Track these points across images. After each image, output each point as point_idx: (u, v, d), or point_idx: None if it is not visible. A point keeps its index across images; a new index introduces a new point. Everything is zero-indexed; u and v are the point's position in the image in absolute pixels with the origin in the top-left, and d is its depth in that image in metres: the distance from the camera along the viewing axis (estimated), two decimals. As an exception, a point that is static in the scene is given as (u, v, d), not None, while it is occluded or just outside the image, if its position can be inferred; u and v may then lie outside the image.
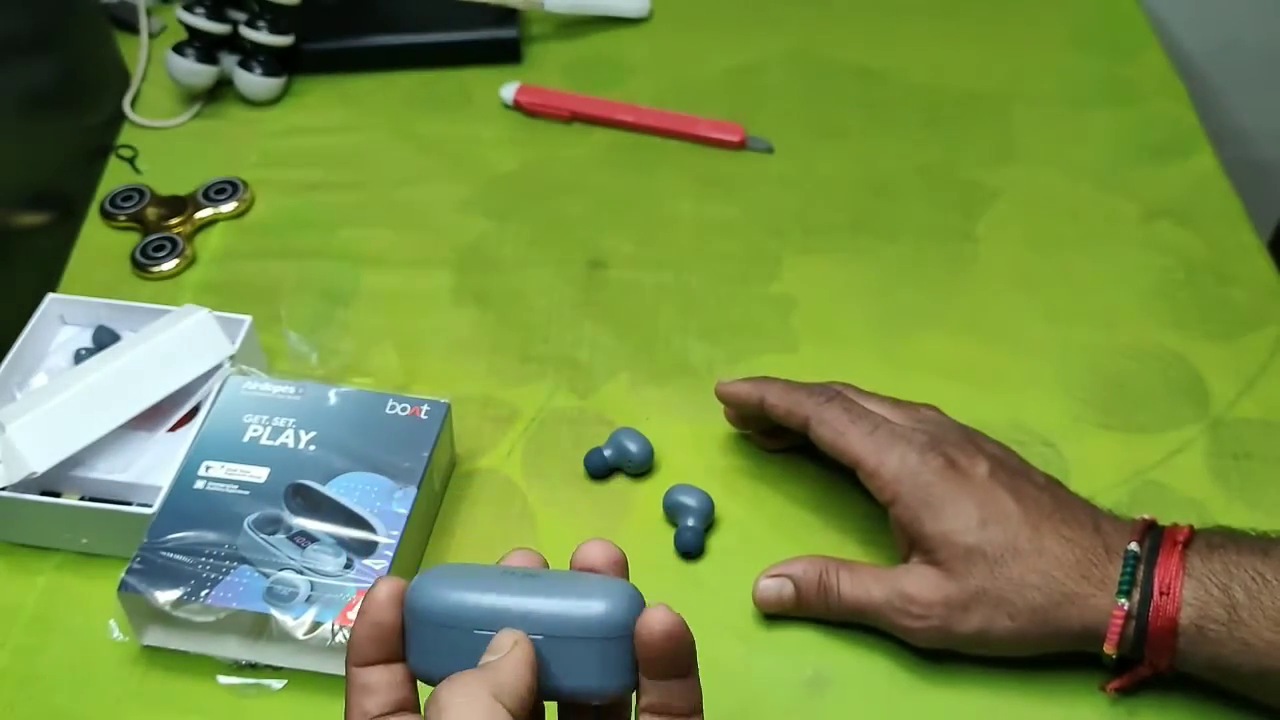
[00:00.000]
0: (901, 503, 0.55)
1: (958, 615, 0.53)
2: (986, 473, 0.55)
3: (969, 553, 0.53)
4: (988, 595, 0.53)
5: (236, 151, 0.86)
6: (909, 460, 0.55)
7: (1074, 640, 0.53)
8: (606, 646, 0.40)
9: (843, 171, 0.83)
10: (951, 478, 0.55)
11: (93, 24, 0.87)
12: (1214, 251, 0.76)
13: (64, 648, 0.59)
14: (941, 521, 0.54)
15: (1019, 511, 0.54)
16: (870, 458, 0.56)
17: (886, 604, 0.55)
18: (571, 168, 0.84)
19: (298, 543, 0.56)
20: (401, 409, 0.62)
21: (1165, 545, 0.52)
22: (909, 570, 0.55)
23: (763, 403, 0.61)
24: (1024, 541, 0.53)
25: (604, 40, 0.95)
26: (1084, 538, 0.53)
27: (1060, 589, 0.52)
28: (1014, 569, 0.53)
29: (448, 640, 0.40)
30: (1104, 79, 0.89)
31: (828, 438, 0.58)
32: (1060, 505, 0.55)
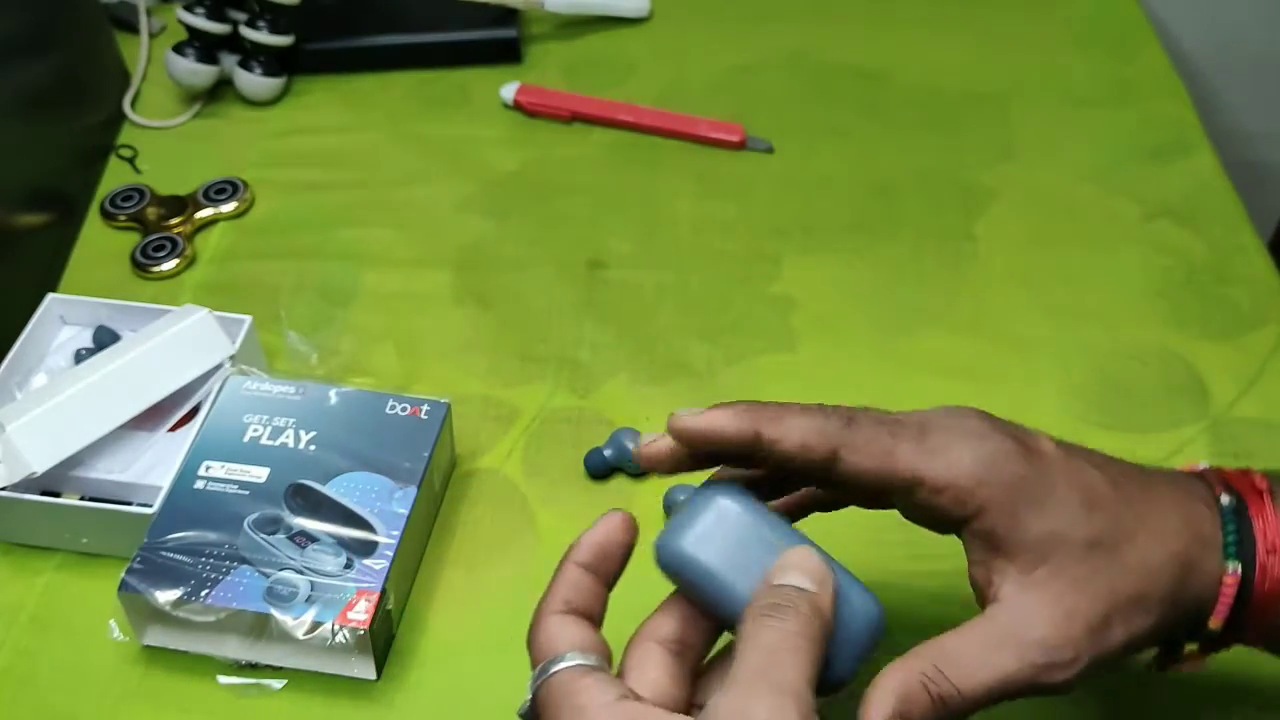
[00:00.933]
0: (993, 509, 0.42)
1: (1103, 635, 0.42)
2: (1055, 449, 0.44)
3: (1089, 550, 0.42)
4: (1124, 594, 0.42)
5: (236, 151, 0.86)
6: (983, 455, 0.42)
7: (1183, 624, 0.43)
8: (873, 640, 0.41)
9: (843, 171, 0.83)
10: (1034, 462, 0.43)
11: (93, 24, 0.87)
12: (1214, 251, 0.76)
13: (64, 648, 0.59)
14: (1047, 519, 0.42)
15: (1105, 481, 0.43)
16: (929, 466, 0.42)
17: (1028, 666, 0.41)
18: (571, 168, 0.84)
19: (298, 543, 0.56)
20: (401, 409, 0.62)
21: (1250, 496, 0.44)
22: (1018, 608, 0.42)
23: (758, 439, 0.42)
24: (1131, 517, 0.43)
25: (604, 40, 0.95)
26: (1173, 490, 0.44)
27: (1183, 559, 0.42)
28: (1135, 552, 0.42)
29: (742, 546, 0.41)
30: (1104, 79, 0.89)
31: (869, 466, 0.42)
32: (1125, 464, 0.45)
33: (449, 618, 0.59)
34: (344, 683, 0.57)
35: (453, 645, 0.58)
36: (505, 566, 0.61)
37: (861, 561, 0.61)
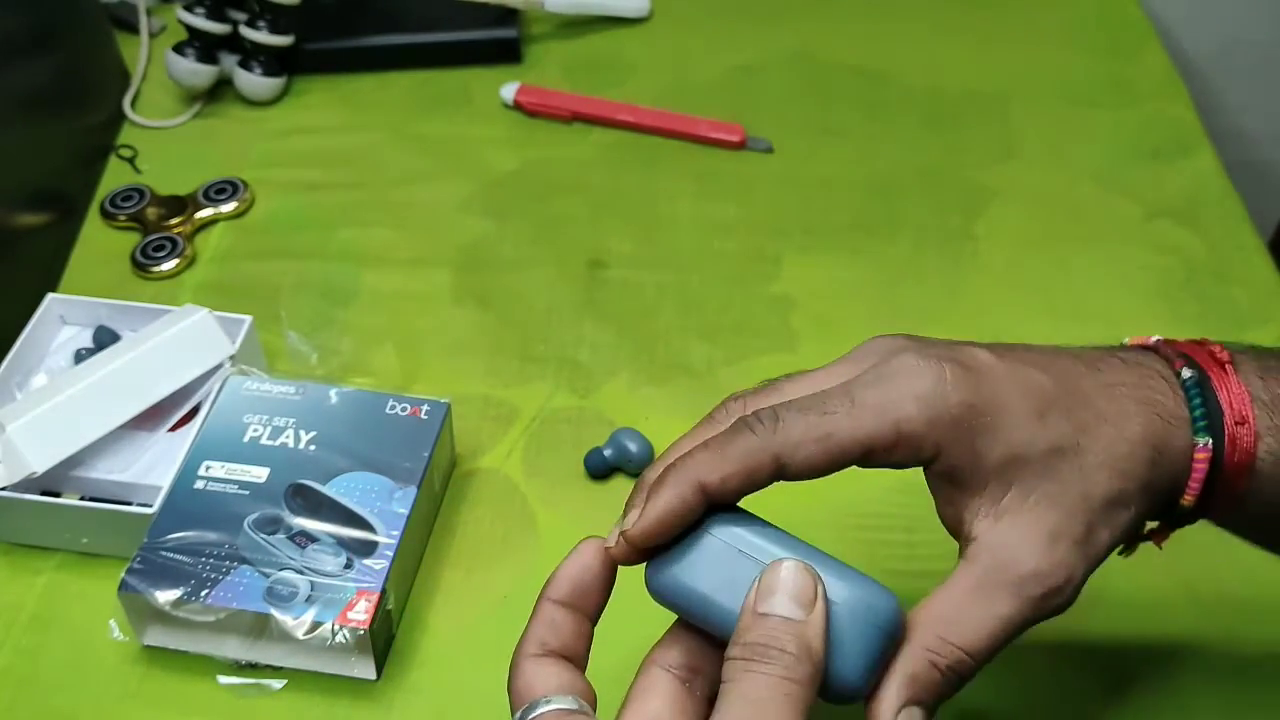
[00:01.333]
0: (949, 448, 0.40)
1: (1090, 546, 0.40)
2: (988, 358, 0.42)
3: (1052, 459, 0.40)
4: (1098, 499, 0.40)
5: (236, 151, 0.86)
6: (923, 394, 0.40)
7: (1160, 505, 0.42)
8: (888, 641, 0.38)
9: (843, 171, 0.83)
10: (976, 382, 0.41)
11: (93, 24, 0.87)
12: (1214, 251, 0.76)
13: (64, 648, 0.59)
14: (1001, 441, 0.40)
15: (1053, 382, 0.41)
16: (881, 427, 0.40)
17: (1027, 603, 0.40)
18: (571, 168, 0.84)
19: (298, 542, 0.56)
20: (401, 409, 0.62)
21: (1212, 368, 0.42)
22: (999, 542, 0.40)
23: (704, 491, 0.40)
24: (1088, 415, 0.41)
25: (604, 40, 0.95)
26: (1130, 377, 0.42)
27: (1151, 445, 0.41)
28: (1098, 452, 0.40)
29: (727, 564, 0.39)
30: (1104, 79, 0.89)
31: (815, 457, 0.40)
32: (1067, 354, 0.43)
33: (449, 618, 0.59)
34: (344, 683, 0.57)
35: (453, 645, 0.58)
36: (505, 566, 0.61)
37: (861, 561, 0.61)
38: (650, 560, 0.41)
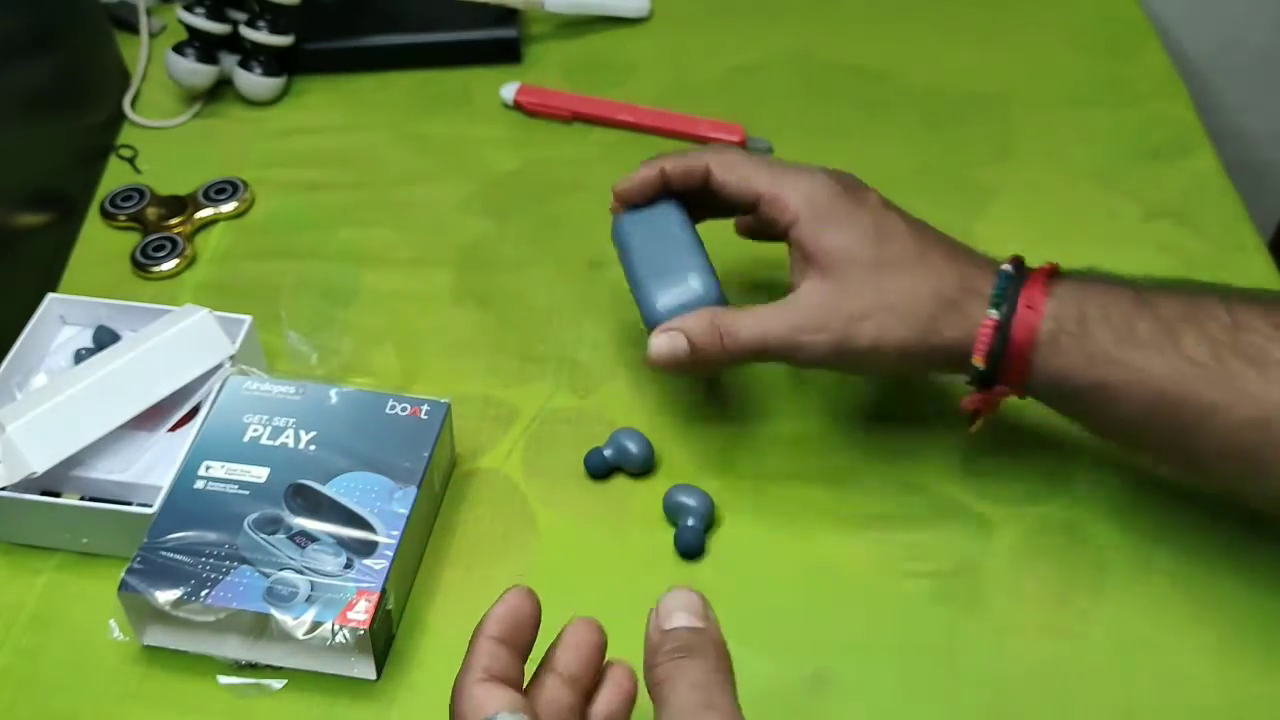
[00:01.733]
0: (802, 221, 0.58)
1: (855, 326, 0.56)
2: (878, 200, 0.60)
3: (866, 264, 0.57)
4: (883, 303, 0.56)
5: (236, 151, 0.86)
6: (806, 183, 0.59)
7: (949, 357, 0.56)
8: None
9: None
10: (848, 199, 0.59)
11: (93, 24, 0.87)
12: (1214, 251, 0.76)
13: (64, 648, 0.59)
14: (841, 235, 0.57)
15: (909, 231, 0.58)
16: (771, 186, 0.59)
17: (786, 332, 0.57)
18: (571, 168, 0.84)
19: (298, 543, 0.56)
20: (401, 409, 0.62)
21: (1035, 271, 0.57)
22: (804, 292, 0.58)
23: (662, 173, 0.62)
24: (913, 255, 0.57)
25: (604, 40, 0.95)
26: (963, 256, 0.58)
27: (945, 297, 0.56)
28: (905, 278, 0.56)
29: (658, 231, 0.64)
30: (1104, 79, 0.89)
31: (731, 180, 0.60)
32: (941, 234, 0.60)
33: (449, 618, 0.59)
34: (344, 683, 0.57)
35: (453, 645, 0.58)
36: (505, 566, 0.61)
37: (861, 560, 0.61)
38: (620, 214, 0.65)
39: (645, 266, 0.63)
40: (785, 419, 0.68)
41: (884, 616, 0.59)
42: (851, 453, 0.65)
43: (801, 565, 0.61)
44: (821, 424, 0.67)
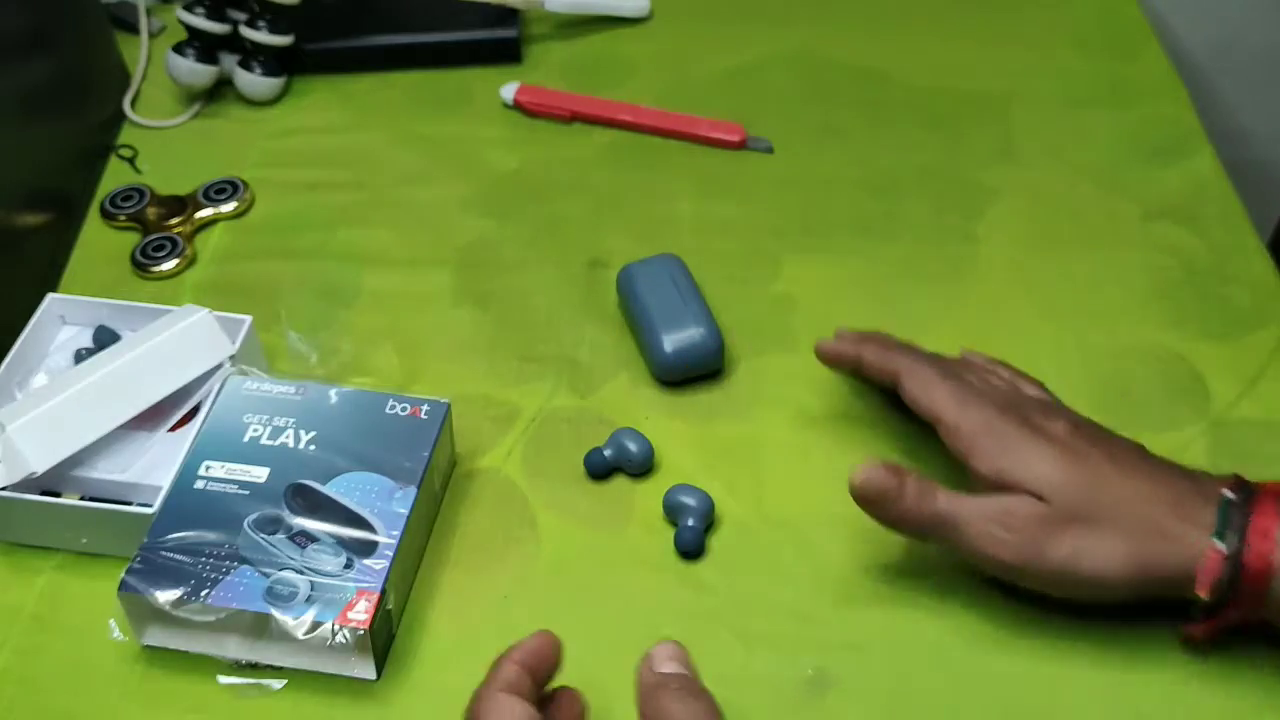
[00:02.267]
0: (980, 452, 0.55)
1: (1053, 536, 0.52)
2: (1066, 430, 0.55)
3: (1062, 484, 0.53)
4: (1084, 522, 0.52)
5: (236, 151, 0.86)
6: (987, 414, 0.56)
7: (1164, 584, 0.52)
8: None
9: (843, 171, 0.83)
10: (1030, 430, 0.55)
11: (93, 24, 0.87)
12: (1214, 251, 0.76)
13: (64, 648, 0.59)
14: (1027, 463, 0.54)
15: (1105, 457, 0.54)
16: (950, 412, 0.57)
17: (981, 514, 0.54)
18: (571, 168, 0.84)
19: (298, 542, 0.56)
20: (401, 409, 0.62)
21: (1260, 494, 0.53)
22: (1004, 494, 0.54)
23: (859, 360, 0.63)
24: (1114, 479, 0.53)
25: (604, 40, 0.95)
26: (1176, 481, 0.54)
27: (1156, 524, 0.52)
28: (1105, 497, 0.53)
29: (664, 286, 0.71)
30: (1104, 79, 0.89)
31: (914, 392, 0.59)
32: (1146, 456, 0.56)
33: (449, 618, 0.59)
34: (344, 682, 0.57)
35: (453, 645, 0.58)
36: (505, 567, 0.61)
37: (861, 560, 0.61)
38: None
39: (652, 315, 0.68)
40: (785, 419, 0.68)
41: (884, 616, 0.59)
42: (852, 453, 0.65)
43: (801, 565, 0.61)
44: (821, 424, 0.67)
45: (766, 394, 0.69)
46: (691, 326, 0.68)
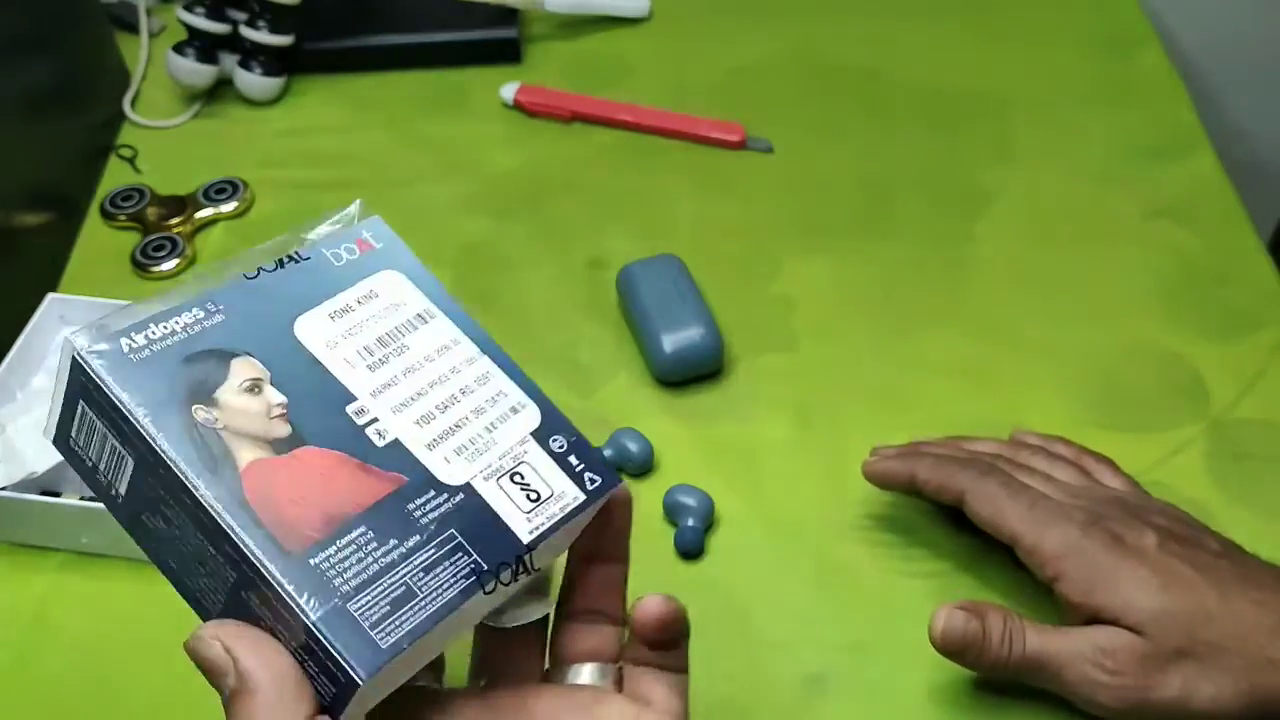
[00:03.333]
0: (1068, 579, 0.52)
1: (1158, 677, 0.49)
2: (1155, 544, 0.52)
3: (1159, 615, 0.50)
4: (1188, 657, 0.49)
5: (236, 151, 0.86)
6: (1071, 536, 0.52)
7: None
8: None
9: (843, 171, 0.83)
10: (1119, 551, 0.52)
11: (93, 24, 0.87)
12: (1214, 251, 0.76)
13: (64, 648, 0.59)
14: (1119, 591, 0.51)
15: (1200, 577, 0.51)
16: (1029, 535, 0.53)
17: (1077, 655, 0.51)
18: (571, 168, 0.84)
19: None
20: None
21: None
22: (1099, 627, 0.51)
23: (913, 480, 0.58)
24: (1213, 604, 0.50)
25: (604, 40, 0.95)
26: (1276, 600, 0.50)
27: (1262, 654, 0.49)
28: (1209, 632, 0.49)
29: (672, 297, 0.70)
30: (1104, 79, 0.89)
31: (984, 514, 0.55)
32: (1242, 568, 0.52)
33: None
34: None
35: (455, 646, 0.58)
36: (505, 566, 0.61)
37: (861, 560, 0.61)
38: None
39: (652, 315, 0.68)
40: (785, 419, 0.68)
41: (884, 616, 0.59)
42: (852, 453, 0.65)
43: (801, 565, 0.61)
44: (821, 424, 0.67)
45: (766, 394, 0.69)
46: (691, 327, 0.68)
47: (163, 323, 0.36)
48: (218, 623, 0.34)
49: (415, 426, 0.38)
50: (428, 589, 0.35)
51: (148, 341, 0.35)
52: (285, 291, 0.38)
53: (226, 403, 0.35)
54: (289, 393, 0.36)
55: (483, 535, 0.37)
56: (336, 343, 0.38)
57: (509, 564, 0.37)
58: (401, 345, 0.39)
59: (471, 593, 0.35)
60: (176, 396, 0.34)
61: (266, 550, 0.33)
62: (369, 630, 0.33)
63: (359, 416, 0.37)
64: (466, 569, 0.36)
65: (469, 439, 0.39)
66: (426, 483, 0.37)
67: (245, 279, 0.38)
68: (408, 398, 0.38)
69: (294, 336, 0.38)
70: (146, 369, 0.35)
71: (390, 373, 0.39)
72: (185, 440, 0.34)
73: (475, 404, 0.40)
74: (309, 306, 0.39)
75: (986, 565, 0.60)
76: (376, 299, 0.40)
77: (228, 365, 0.36)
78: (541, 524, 0.38)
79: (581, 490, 0.40)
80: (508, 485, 0.38)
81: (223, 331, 0.36)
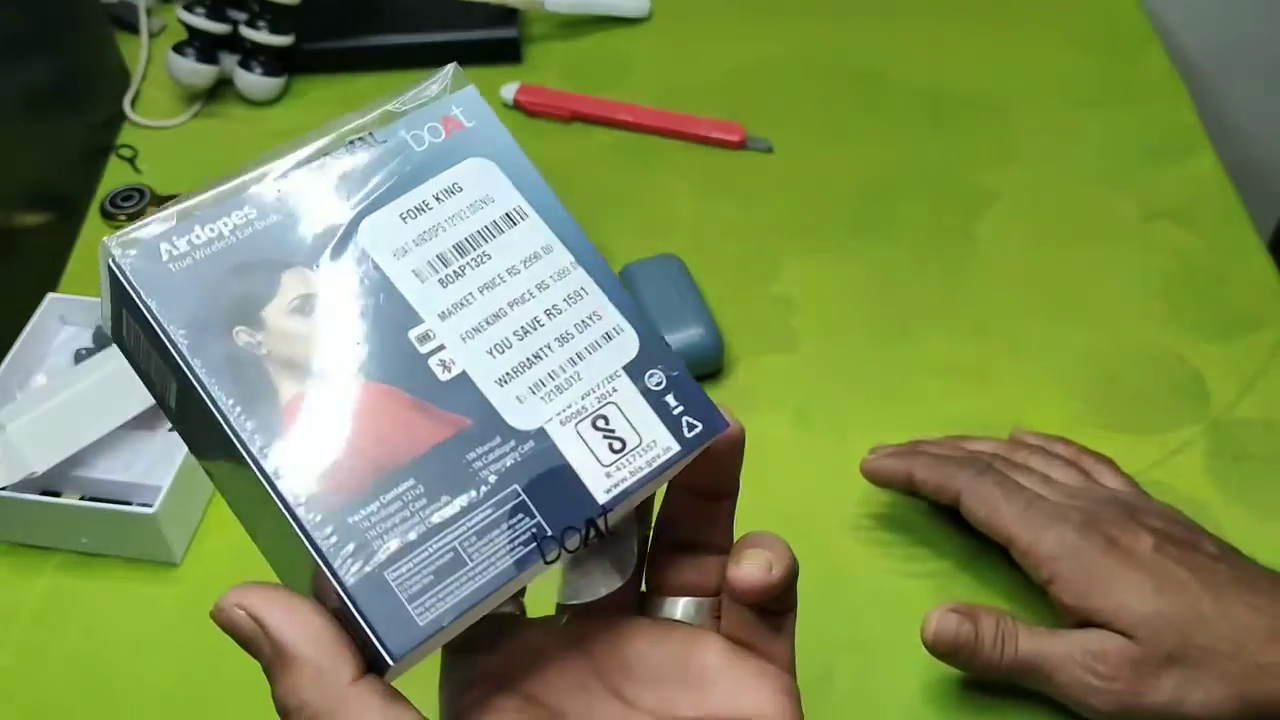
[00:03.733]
0: (1062, 580, 0.52)
1: (1149, 682, 0.49)
2: (1151, 547, 0.51)
3: (1152, 619, 0.49)
4: (1180, 663, 0.49)
5: (236, 151, 0.86)
6: (1066, 538, 0.52)
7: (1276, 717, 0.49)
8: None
9: (843, 171, 0.83)
10: (1114, 554, 0.51)
11: (93, 24, 0.87)
12: (1214, 251, 0.76)
13: (64, 647, 0.59)
14: (1112, 594, 0.50)
15: (1195, 580, 0.50)
16: (1023, 536, 0.53)
17: (1069, 658, 0.50)
18: (571, 167, 0.84)
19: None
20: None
21: None
22: (1091, 631, 0.51)
23: (911, 478, 0.58)
24: (1207, 608, 0.49)
25: (604, 40, 0.95)
26: (1272, 605, 0.50)
27: (1254, 660, 0.48)
28: (1203, 637, 0.49)
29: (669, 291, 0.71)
30: (1104, 79, 0.89)
31: (980, 514, 0.55)
32: (1239, 572, 0.51)
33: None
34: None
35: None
36: (505, 566, 0.61)
37: (861, 560, 0.61)
38: None
39: (652, 315, 0.68)
40: (785, 419, 0.68)
41: (884, 616, 0.59)
42: (852, 452, 0.65)
43: (802, 565, 0.61)
44: (821, 424, 0.67)
45: (766, 394, 0.69)
46: (691, 326, 0.68)
47: (209, 224, 0.31)
48: (242, 588, 0.30)
49: (487, 357, 0.32)
50: (480, 556, 0.30)
51: (190, 248, 0.30)
52: (352, 186, 0.33)
53: (273, 324, 0.30)
54: (345, 312, 0.31)
55: (551, 493, 0.31)
56: (407, 250, 0.32)
57: (577, 528, 0.31)
58: (483, 254, 0.33)
59: (530, 562, 0.30)
60: (218, 315, 0.30)
61: (300, 503, 0.29)
62: (407, 604, 0.29)
63: (422, 344, 0.31)
64: (527, 533, 0.30)
65: (549, 373, 0.32)
66: (493, 427, 0.31)
67: (309, 170, 0.33)
68: (482, 321, 0.32)
69: (358, 242, 0.32)
70: (187, 281, 0.30)
71: (465, 289, 0.32)
72: (224, 369, 0.30)
73: (562, 329, 0.33)
74: (380, 204, 0.33)
75: (986, 565, 0.60)
76: (460, 194, 0.34)
77: (278, 278, 0.31)
78: (623, 480, 0.32)
79: (677, 439, 0.33)
80: (588, 431, 0.32)
81: (276, 235, 0.31)
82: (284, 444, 0.29)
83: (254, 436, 0.29)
